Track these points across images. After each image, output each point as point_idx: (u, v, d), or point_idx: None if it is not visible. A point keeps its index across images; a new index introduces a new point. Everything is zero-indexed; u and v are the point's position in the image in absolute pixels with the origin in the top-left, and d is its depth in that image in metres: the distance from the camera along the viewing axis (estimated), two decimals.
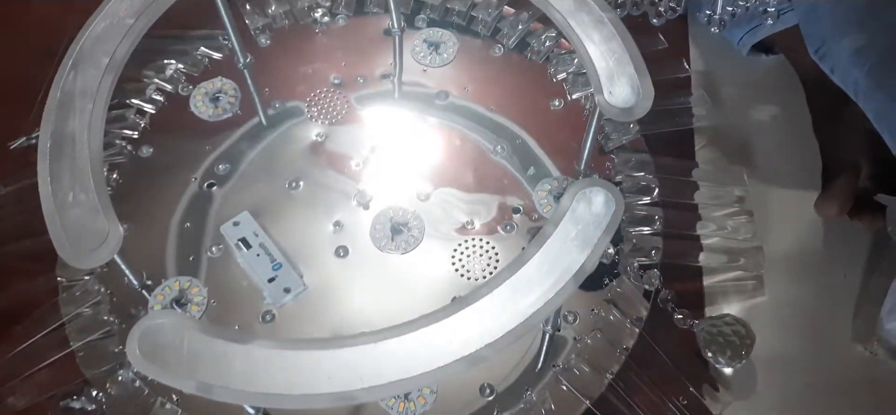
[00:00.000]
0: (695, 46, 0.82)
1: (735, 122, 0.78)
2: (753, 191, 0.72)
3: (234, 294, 0.65)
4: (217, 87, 0.76)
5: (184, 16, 0.70)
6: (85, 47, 0.59)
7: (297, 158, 0.73)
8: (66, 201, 0.52)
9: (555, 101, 0.76)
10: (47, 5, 0.87)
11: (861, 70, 0.63)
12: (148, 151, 0.73)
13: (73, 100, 0.56)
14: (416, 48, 0.80)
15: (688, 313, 0.64)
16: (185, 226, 0.69)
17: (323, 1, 0.83)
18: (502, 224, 0.69)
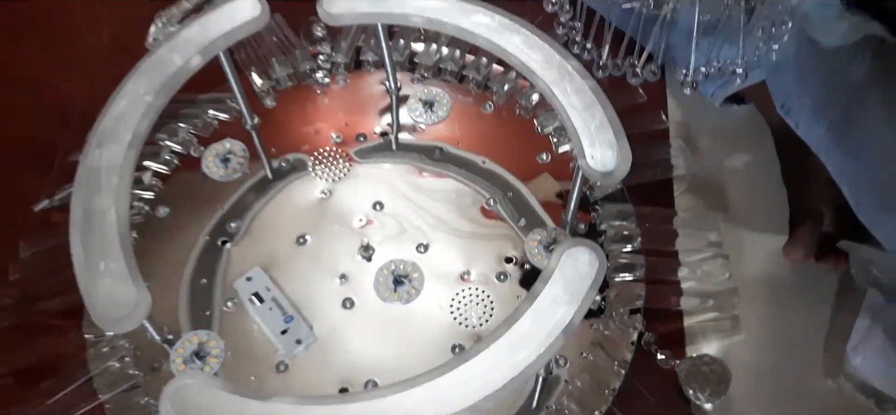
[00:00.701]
0: (672, 98, 0.87)
1: (711, 169, 0.82)
2: (729, 235, 0.77)
3: (249, 346, 0.69)
4: (227, 148, 0.81)
5: (193, 80, 0.74)
6: (108, 125, 0.63)
7: (304, 214, 0.77)
8: (98, 271, 0.56)
9: (542, 155, 0.81)
10: (62, 71, 0.91)
11: (822, 126, 0.68)
12: (164, 212, 0.77)
13: (100, 175, 0.61)
14: (411, 106, 0.84)
15: (670, 354, 0.69)
16: (201, 282, 0.73)
17: (324, 63, 0.87)
18: (497, 273, 0.73)
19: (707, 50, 0.75)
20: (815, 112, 0.69)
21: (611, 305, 0.70)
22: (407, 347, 0.69)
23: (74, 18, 0.96)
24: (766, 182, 0.80)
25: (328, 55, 0.88)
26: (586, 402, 0.65)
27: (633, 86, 0.83)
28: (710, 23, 0.72)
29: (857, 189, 0.65)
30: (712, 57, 0.75)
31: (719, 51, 0.75)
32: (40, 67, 0.92)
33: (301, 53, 0.87)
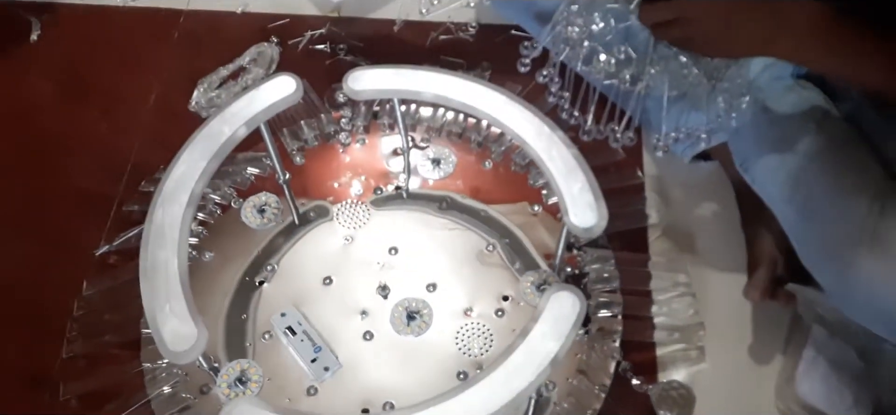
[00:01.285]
0: (648, 154, 0.98)
1: (681, 218, 0.93)
2: (696, 276, 0.87)
3: (284, 373, 0.80)
4: (263, 201, 0.91)
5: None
6: (169, 188, 0.74)
7: (330, 258, 0.88)
8: (165, 312, 0.66)
9: (535, 206, 0.92)
10: (116, 133, 1.02)
11: (774, 185, 0.79)
12: (209, 256, 0.88)
13: (163, 231, 0.71)
14: (421, 163, 0.95)
15: (643, 380, 0.79)
16: (241, 317, 0.84)
17: (345, 126, 0.98)
18: (495, 310, 0.83)
19: (676, 116, 0.86)
20: (768, 172, 0.80)
21: (592, 338, 0.80)
22: (419, 373, 0.79)
23: (127, 86, 1.07)
24: (728, 230, 0.90)
25: (349, 119, 0.99)
26: None
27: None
28: (679, 94, 0.82)
29: (802, 241, 0.75)
30: (681, 123, 0.85)
31: (687, 118, 0.86)
32: (99, 130, 1.03)
33: (326, 117, 0.98)
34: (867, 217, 0.67)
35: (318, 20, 1.13)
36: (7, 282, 0.89)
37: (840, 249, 0.69)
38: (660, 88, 0.81)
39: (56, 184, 0.97)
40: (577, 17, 0.83)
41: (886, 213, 0.67)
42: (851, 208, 0.69)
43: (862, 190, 0.69)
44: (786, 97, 0.82)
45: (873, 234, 0.66)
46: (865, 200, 0.68)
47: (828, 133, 0.77)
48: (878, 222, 0.66)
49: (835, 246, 0.70)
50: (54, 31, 1.14)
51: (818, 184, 0.75)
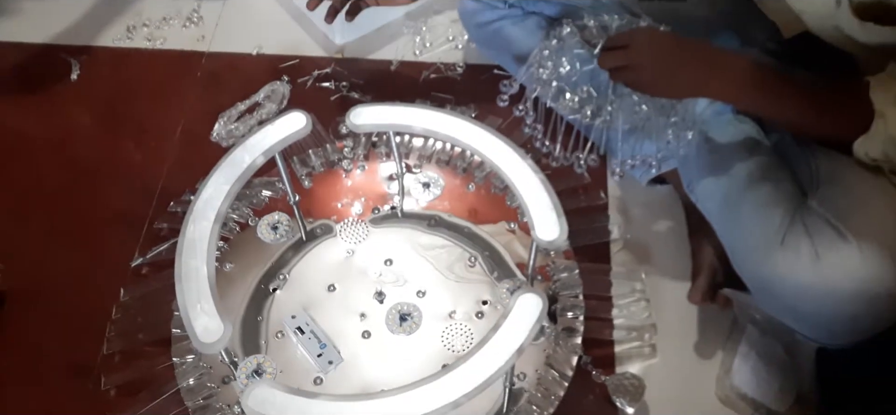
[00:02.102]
0: (611, 178, 1.09)
1: (639, 234, 1.04)
2: (651, 284, 0.98)
3: (294, 366, 0.91)
4: (275, 219, 1.03)
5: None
6: (199, 207, 0.85)
7: (333, 269, 0.99)
8: (197, 311, 0.78)
9: (512, 224, 1.03)
10: (148, 159, 1.13)
11: (712, 202, 0.90)
12: (230, 267, 0.99)
13: (195, 244, 0.83)
14: (413, 187, 1.07)
15: (601, 371, 0.90)
16: (258, 319, 0.95)
17: (348, 154, 1.10)
18: (476, 312, 0.95)
19: (632, 146, 0.97)
20: (708, 192, 0.91)
21: (558, 335, 0.92)
22: (409, 366, 0.90)
23: (156, 119, 1.18)
24: (679, 244, 1.01)
25: (351, 148, 1.11)
26: (540, 407, 0.87)
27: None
28: (632, 127, 0.94)
29: (731, 249, 0.86)
30: (635, 152, 0.97)
31: (641, 147, 0.98)
32: (132, 158, 1.13)
33: (331, 146, 1.10)
34: (779, 227, 0.78)
35: (324, 60, 1.24)
36: (55, 288, 1.00)
37: (757, 254, 0.80)
38: (617, 122, 0.93)
39: (96, 204, 1.08)
40: (548, 60, 0.95)
41: (794, 223, 0.78)
42: (767, 219, 0.79)
43: (777, 204, 0.80)
44: (725, 129, 0.93)
45: (783, 240, 0.77)
46: (779, 212, 0.79)
47: (756, 159, 0.88)
48: (787, 231, 0.77)
49: (754, 252, 0.81)
50: (92, 70, 1.24)
51: (744, 200, 0.85)
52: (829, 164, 0.81)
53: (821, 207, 0.78)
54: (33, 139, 1.16)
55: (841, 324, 0.76)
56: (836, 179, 0.79)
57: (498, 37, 1.10)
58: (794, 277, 0.76)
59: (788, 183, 0.84)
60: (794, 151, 0.86)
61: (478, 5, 1.09)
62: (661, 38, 0.85)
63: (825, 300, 0.75)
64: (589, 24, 0.94)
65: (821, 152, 0.83)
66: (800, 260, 0.75)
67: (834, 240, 0.75)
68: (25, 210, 1.08)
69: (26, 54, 1.27)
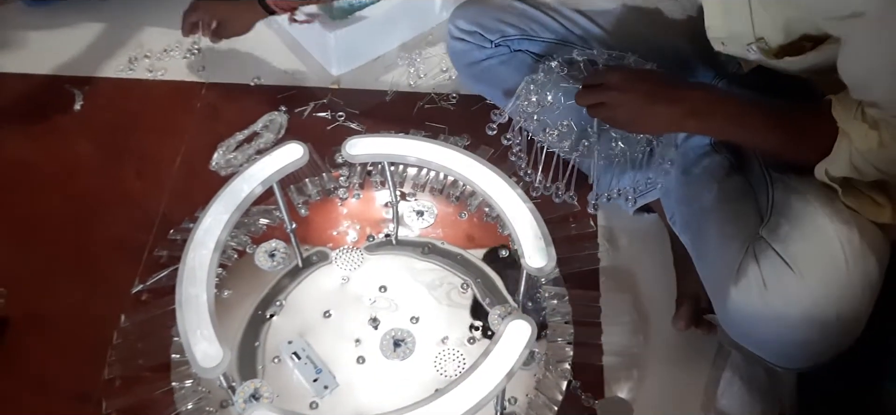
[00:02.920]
0: (600, 207, 1.12)
1: (627, 261, 1.07)
2: (639, 309, 1.01)
3: (290, 390, 0.93)
4: (273, 247, 1.06)
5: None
6: (198, 235, 0.88)
7: (329, 295, 1.02)
8: (196, 336, 0.80)
9: (503, 250, 1.06)
10: (147, 188, 1.15)
11: (686, 235, 0.93)
12: (228, 293, 1.02)
13: (195, 272, 0.85)
14: (407, 215, 1.10)
15: (591, 395, 0.93)
16: (255, 344, 0.97)
17: (343, 182, 1.13)
18: (467, 338, 0.97)
19: (610, 180, 1.01)
20: (684, 223, 0.94)
21: (548, 360, 0.94)
22: (403, 391, 0.93)
23: (157, 149, 1.20)
24: (666, 271, 1.04)
25: (346, 176, 1.13)
26: None
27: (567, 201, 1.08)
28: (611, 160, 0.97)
29: (703, 280, 0.89)
30: (614, 185, 1.00)
31: (620, 180, 1.01)
32: (132, 187, 1.16)
33: (327, 175, 1.13)
34: (735, 257, 0.81)
35: (321, 91, 1.28)
36: (56, 314, 1.02)
37: (717, 284, 0.83)
38: (594, 156, 0.96)
39: (97, 232, 1.10)
40: (533, 93, 0.99)
41: (748, 254, 0.80)
42: (727, 252, 0.83)
43: (736, 237, 0.83)
44: (700, 162, 0.96)
45: (737, 272, 0.80)
46: (737, 243, 0.82)
47: (725, 190, 0.91)
48: (742, 262, 0.80)
49: (715, 282, 0.84)
50: (94, 101, 1.27)
51: (710, 231, 0.89)
52: (782, 194, 0.84)
53: (770, 237, 0.81)
54: (37, 167, 1.18)
55: (794, 349, 0.79)
56: (787, 209, 0.82)
57: (487, 74, 1.13)
58: (746, 305, 0.79)
59: (751, 215, 0.86)
60: (759, 182, 0.89)
61: (466, 45, 1.12)
62: (634, 76, 0.89)
63: (776, 328, 0.78)
64: (577, 59, 0.98)
65: (779, 182, 0.86)
66: (750, 289, 0.79)
67: (780, 269, 0.78)
68: (28, 237, 1.10)
69: (31, 85, 1.30)
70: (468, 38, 1.12)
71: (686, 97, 0.84)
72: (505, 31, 1.09)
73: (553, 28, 1.08)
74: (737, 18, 0.83)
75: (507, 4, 1.11)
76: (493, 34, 1.10)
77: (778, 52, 0.81)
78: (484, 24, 1.11)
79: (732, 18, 0.84)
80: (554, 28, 1.08)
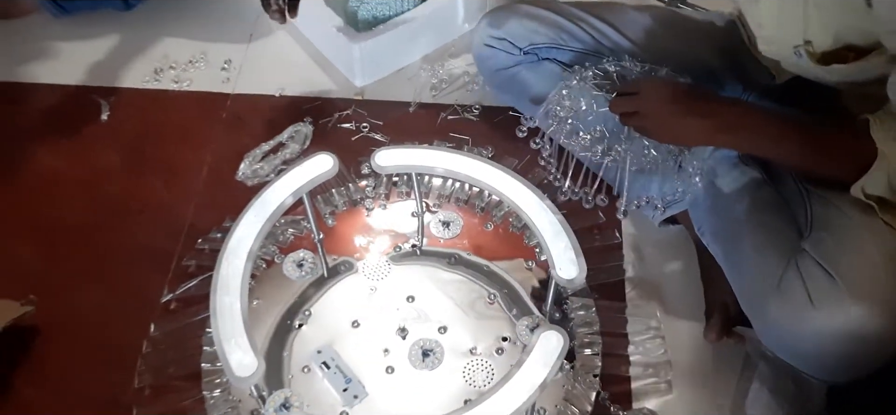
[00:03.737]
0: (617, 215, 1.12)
1: (653, 272, 1.07)
2: (665, 320, 1.01)
3: (320, 400, 0.93)
4: (301, 257, 1.06)
5: None
6: (232, 246, 0.89)
7: (356, 305, 1.02)
8: (232, 346, 0.81)
9: (529, 262, 1.07)
10: (175, 198, 1.16)
11: (718, 247, 0.94)
12: (256, 302, 1.02)
13: (228, 281, 0.86)
14: (433, 225, 1.10)
15: (619, 407, 0.93)
16: (284, 354, 0.98)
17: (370, 193, 1.14)
18: (495, 348, 0.97)
19: (640, 188, 1.01)
20: (715, 235, 0.95)
21: (577, 372, 0.94)
22: (432, 401, 0.93)
23: (183, 159, 1.21)
24: (691, 282, 1.04)
25: (372, 187, 1.14)
26: None
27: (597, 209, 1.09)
28: (643, 168, 0.97)
29: (737, 291, 0.90)
30: (643, 193, 1.01)
31: (649, 189, 1.01)
32: (160, 196, 1.16)
33: (353, 186, 1.14)
34: (776, 271, 0.82)
35: (345, 102, 1.29)
36: (86, 323, 1.02)
37: (756, 297, 0.84)
38: (626, 163, 0.97)
39: (126, 242, 1.11)
40: (566, 99, 1.00)
41: (790, 267, 0.81)
42: (765, 264, 0.83)
43: (774, 248, 0.84)
44: (730, 174, 0.96)
45: (778, 286, 0.81)
46: (776, 256, 0.83)
47: (758, 203, 0.92)
48: (783, 276, 0.81)
49: (754, 295, 0.84)
50: (121, 111, 1.28)
51: (745, 244, 0.89)
52: (822, 208, 0.85)
53: (814, 251, 0.81)
54: (65, 178, 1.19)
55: (836, 363, 0.79)
56: (829, 223, 0.83)
57: (514, 82, 1.14)
58: (790, 319, 0.79)
59: (787, 227, 0.87)
60: (794, 195, 0.89)
61: (494, 52, 1.14)
62: (668, 88, 0.90)
63: (819, 342, 0.78)
64: (610, 69, 0.99)
65: (816, 196, 0.86)
66: (794, 303, 0.79)
67: (826, 284, 0.78)
68: (58, 246, 1.11)
69: (58, 95, 1.31)
70: (496, 44, 1.13)
71: (718, 111, 0.85)
72: (534, 39, 1.10)
73: (582, 38, 1.09)
74: (790, 18, 0.83)
75: (537, 13, 1.12)
76: (522, 41, 1.11)
77: (821, 58, 0.81)
78: (512, 30, 1.12)
79: (786, 17, 0.84)
80: (583, 38, 1.09)
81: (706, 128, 0.85)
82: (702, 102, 0.86)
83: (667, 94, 0.89)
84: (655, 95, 0.89)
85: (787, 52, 0.85)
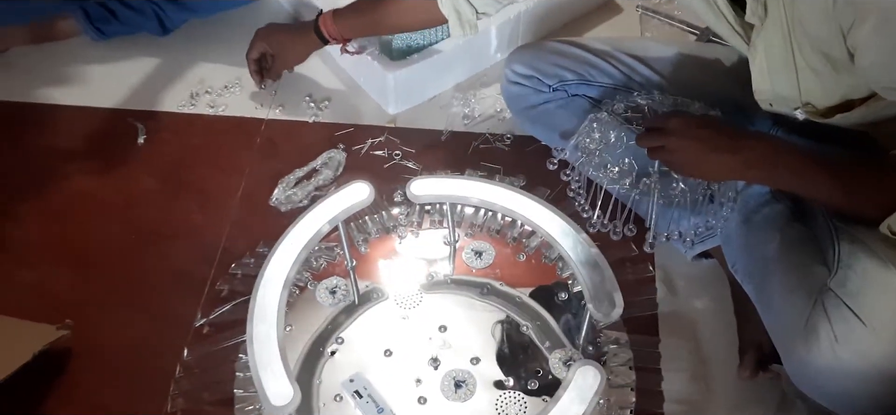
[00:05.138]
0: (657, 252, 1.12)
1: (686, 307, 1.06)
2: (698, 356, 1.00)
3: None
4: (333, 284, 1.06)
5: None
6: (270, 274, 0.89)
7: (388, 333, 1.02)
8: (268, 374, 0.81)
9: (562, 294, 1.06)
10: (209, 222, 1.17)
11: (749, 285, 0.93)
12: (289, 328, 1.02)
13: (265, 309, 0.86)
14: (466, 255, 1.10)
15: None
16: (315, 381, 0.98)
17: (402, 221, 1.14)
18: (529, 382, 0.97)
19: (670, 220, 1.00)
20: (747, 272, 0.94)
21: (610, 407, 0.93)
22: None
23: (217, 183, 1.22)
24: (724, 318, 1.03)
25: (405, 215, 1.14)
26: None
27: (628, 241, 1.08)
28: (671, 202, 0.97)
29: (769, 330, 0.88)
30: (672, 227, 1.00)
31: (679, 223, 1.01)
32: (194, 220, 1.17)
33: (386, 213, 1.14)
34: (803, 311, 0.81)
35: (378, 130, 1.29)
36: (121, 348, 1.03)
37: (785, 337, 0.83)
38: (654, 196, 0.96)
39: (160, 266, 1.11)
40: (596, 131, 0.99)
41: (816, 306, 0.80)
42: (794, 304, 0.82)
43: (803, 288, 0.83)
44: (761, 209, 0.95)
45: (806, 325, 0.80)
46: (803, 296, 0.82)
47: (788, 241, 0.90)
48: (811, 316, 0.80)
49: (783, 335, 0.83)
50: (157, 135, 1.29)
51: (775, 284, 0.88)
52: (849, 245, 0.83)
53: (840, 290, 0.80)
54: (102, 199, 1.20)
55: (865, 402, 0.78)
56: (855, 261, 0.81)
57: (543, 118, 1.14)
58: (817, 359, 0.79)
59: (815, 266, 0.86)
60: (823, 231, 0.88)
61: (523, 89, 1.14)
62: (696, 123, 0.89)
63: (846, 382, 0.78)
64: (640, 102, 0.99)
65: (844, 233, 0.85)
66: (820, 343, 0.78)
67: (852, 323, 0.77)
68: (93, 269, 1.12)
69: (96, 118, 1.32)
70: (525, 82, 1.13)
71: (747, 147, 0.84)
72: (563, 76, 1.10)
73: (611, 74, 1.09)
74: (783, 83, 0.84)
75: (565, 50, 1.12)
76: (551, 79, 1.11)
77: (826, 112, 0.81)
78: (541, 68, 1.12)
79: (778, 83, 0.84)
80: (612, 74, 1.09)
81: (735, 164, 0.84)
82: (730, 137, 0.85)
83: (695, 129, 0.88)
84: (684, 130, 0.88)
85: (789, 111, 0.85)
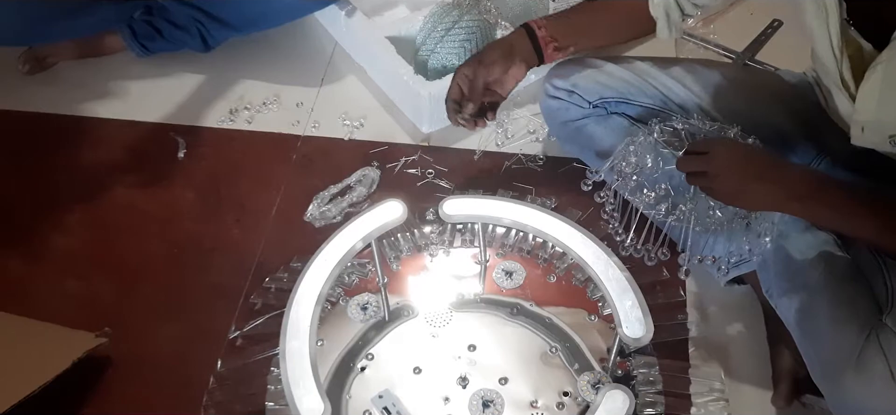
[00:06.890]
0: (690, 276, 1.11)
1: (717, 332, 1.05)
2: (729, 383, 0.99)
3: None
4: (365, 300, 1.07)
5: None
6: (302, 290, 0.90)
7: (418, 351, 1.02)
8: (300, 389, 0.82)
9: (592, 316, 1.05)
10: (245, 236, 1.19)
11: (789, 312, 0.91)
12: (320, 343, 1.03)
13: (298, 325, 0.87)
14: (496, 275, 1.10)
15: None
16: (345, 396, 0.98)
17: (434, 239, 1.14)
18: (557, 403, 0.96)
19: (705, 245, 1.00)
20: (786, 300, 0.92)
21: None
22: None
23: (254, 198, 1.24)
24: (757, 345, 1.02)
25: (437, 233, 1.15)
26: None
27: (660, 266, 1.07)
28: (708, 229, 0.96)
29: (808, 360, 0.87)
30: (708, 252, 0.99)
31: (714, 248, 1.00)
32: (230, 234, 1.19)
33: (418, 231, 1.15)
34: (855, 345, 0.79)
35: (411, 148, 1.30)
36: (158, 357, 1.05)
37: (833, 370, 0.81)
38: (690, 223, 0.96)
39: (197, 278, 1.13)
40: (632, 155, 0.99)
41: (870, 342, 0.78)
42: (843, 336, 0.80)
43: (853, 321, 0.81)
44: (802, 238, 0.94)
45: (858, 359, 0.78)
46: (855, 329, 0.80)
47: (833, 271, 0.89)
48: (863, 349, 0.78)
49: (829, 367, 0.82)
50: (197, 150, 1.31)
51: (820, 313, 0.86)
52: None
53: None
54: (142, 212, 1.23)
55: None
56: None
57: (581, 134, 1.14)
58: (870, 394, 0.77)
59: (865, 299, 0.85)
60: (871, 266, 0.87)
61: (562, 104, 1.14)
62: (739, 151, 0.88)
63: None
64: (678, 127, 0.98)
65: (894, 268, 0.84)
66: (875, 380, 0.77)
67: None
68: (133, 280, 1.14)
69: (138, 132, 1.36)
70: (565, 97, 1.13)
71: (789, 178, 0.83)
72: (603, 94, 1.10)
73: (651, 94, 1.08)
74: (891, 107, 0.81)
75: (605, 67, 1.12)
76: (592, 95, 1.11)
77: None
78: (581, 84, 1.12)
79: (886, 107, 0.81)
80: (652, 94, 1.08)
81: (776, 195, 0.83)
82: (772, 168, 0.84)
83: (737, 156, 0.87)
84: (725, 157, 0.87)
85: (881, 140, 0.82)
